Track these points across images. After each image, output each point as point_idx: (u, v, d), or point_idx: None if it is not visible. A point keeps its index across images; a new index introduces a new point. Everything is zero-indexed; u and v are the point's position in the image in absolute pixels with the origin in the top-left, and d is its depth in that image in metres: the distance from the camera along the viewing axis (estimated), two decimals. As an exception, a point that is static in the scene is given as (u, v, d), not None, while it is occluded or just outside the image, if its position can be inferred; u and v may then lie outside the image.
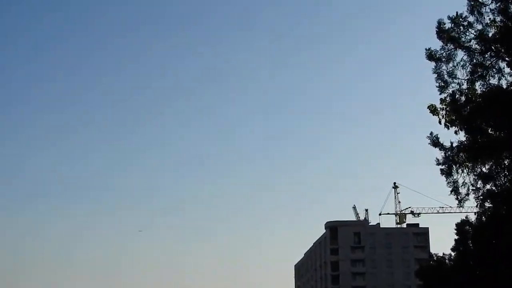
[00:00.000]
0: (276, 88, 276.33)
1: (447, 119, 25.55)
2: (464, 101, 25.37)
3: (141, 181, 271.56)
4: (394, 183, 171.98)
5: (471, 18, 25.08)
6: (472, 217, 45.55)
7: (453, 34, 25.15)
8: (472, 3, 24.95)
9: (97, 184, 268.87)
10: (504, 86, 24.98)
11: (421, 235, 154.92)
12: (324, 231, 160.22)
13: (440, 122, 25.63)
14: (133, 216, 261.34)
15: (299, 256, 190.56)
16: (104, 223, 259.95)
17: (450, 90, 25.42)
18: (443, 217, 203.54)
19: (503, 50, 24.72)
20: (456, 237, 50.28)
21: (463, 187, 26.04)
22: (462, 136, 25.69)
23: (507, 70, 24.88)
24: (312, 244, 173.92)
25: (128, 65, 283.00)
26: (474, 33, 25.06)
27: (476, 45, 25.04)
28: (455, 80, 25.39)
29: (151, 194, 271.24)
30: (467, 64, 25.15)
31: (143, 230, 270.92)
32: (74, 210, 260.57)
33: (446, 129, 25.63)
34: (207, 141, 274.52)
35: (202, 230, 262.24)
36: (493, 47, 24.81)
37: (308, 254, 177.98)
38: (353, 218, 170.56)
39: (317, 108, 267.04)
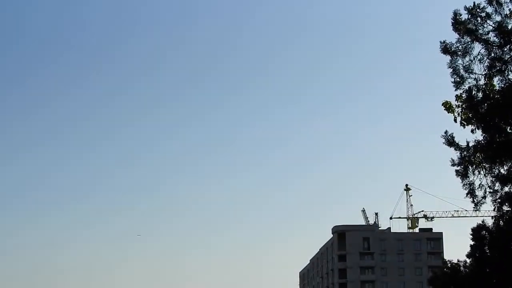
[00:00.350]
0: (280, 87, 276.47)
1: (463, 117, 25.48)
2: (481, 97, 25.27)
3: (139, 182, 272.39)
4: (406, 185, 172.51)
5: (489, 9, 24.99)
6: (489, 222, 45.38)
7: (469, 26, 25.04)
8: (490, -8, 24.87)
9: (94, 185, 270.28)
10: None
11: (435, 240, 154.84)
12: (331, 236, 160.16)
13: (455, 120, 25.58)
14: (131, 219, 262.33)
15: (304, 262, 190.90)
16: (101, 225, 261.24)
17: (466, 86, 25.31)
18: (458, 222, 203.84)
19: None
20: (472, 242, 50.14)
21: (479, 189, 25.97)
22: (479, 135, 25.62)
23: (527, 64, 24.80)
24: (318, 250, 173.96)
25: (123, 63, 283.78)
26: (493, 25, 24.96)
27: (495, 38, 24.94)
28: (471, 75, 25.27)
29: (150, 195, 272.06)
30: (485, 58, 25.06)
31: (141, 234, 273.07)
32: (69, 211, 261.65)
33: (462, 127, 25.58)
34: (208, 141, 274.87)
35: (202, 234, 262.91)
36: (512, 40, 24.72)
37: (314, 260, 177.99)
38: (362, 222, 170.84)
39: (324, 107, 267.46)
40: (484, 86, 25.24)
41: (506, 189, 26.09)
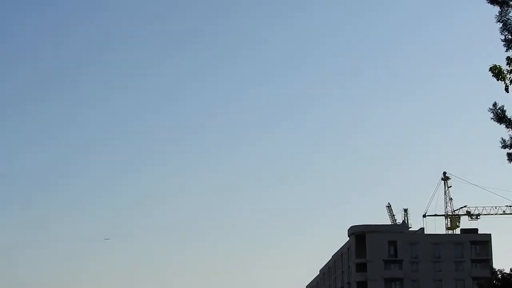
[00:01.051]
0: (284, 57, 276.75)
1: (516, 85, 25.39)
2: (540, 59, 25.16)
3: (115, 175, 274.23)
4: (444, 173, 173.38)
5: None
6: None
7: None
8: None
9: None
10: None
11: (481, 244, 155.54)
12: (348, 239, 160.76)
13: (507, 90, 25.44)
14: (101, 219, 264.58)
15: (314, 273, 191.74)
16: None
17: (520, 45, 25.23)
18: (510, 220, 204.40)
19: None
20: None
21: (538, 179, 25.91)
22: (537, 108, 25.58)
23: None
24: (330, 257, 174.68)
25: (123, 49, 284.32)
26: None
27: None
28: (527, 31, 25.19)
29: (126, 190, 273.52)
30: (546, 8, 24.96)
31: (110, 238, 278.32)
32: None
33: (515, 98, 25.50)
34: (205, 122, 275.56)
35: (192, 238, 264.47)
36: None
37: (325, 270, 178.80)
38: (387, 222, 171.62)
39: (339, 79, 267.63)
40: (544, 45, 25.15)
41: None
